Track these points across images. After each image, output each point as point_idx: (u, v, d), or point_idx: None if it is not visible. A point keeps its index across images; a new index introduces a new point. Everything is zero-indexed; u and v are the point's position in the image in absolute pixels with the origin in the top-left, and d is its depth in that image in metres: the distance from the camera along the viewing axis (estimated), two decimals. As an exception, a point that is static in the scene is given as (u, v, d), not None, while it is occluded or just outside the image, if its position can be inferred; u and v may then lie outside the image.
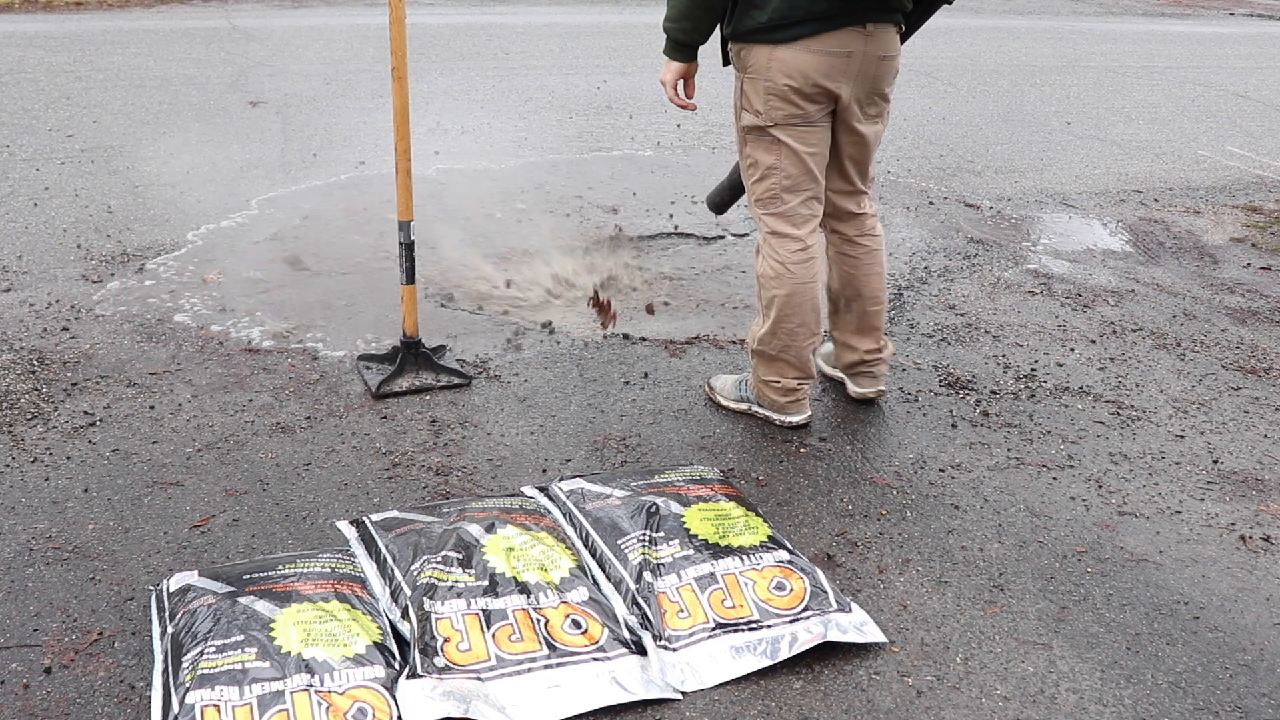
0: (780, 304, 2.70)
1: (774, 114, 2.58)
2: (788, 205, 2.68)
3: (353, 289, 3.72)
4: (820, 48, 2.49)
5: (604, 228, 4.50)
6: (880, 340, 2.94)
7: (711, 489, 2.41)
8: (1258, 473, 2.80)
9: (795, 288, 2.68)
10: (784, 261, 2.68)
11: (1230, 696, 1.97)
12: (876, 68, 2.58)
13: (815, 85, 2.52)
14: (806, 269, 2.68)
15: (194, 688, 1.74)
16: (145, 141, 5.51)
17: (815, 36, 2.48)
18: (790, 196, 2.67)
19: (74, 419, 2.75)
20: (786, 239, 2.68)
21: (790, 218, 2.68)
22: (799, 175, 2.65)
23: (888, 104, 2.71)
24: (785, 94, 2.54)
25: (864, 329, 2.91)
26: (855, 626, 2.05)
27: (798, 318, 2.71)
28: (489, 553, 2.10)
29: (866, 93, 2.61)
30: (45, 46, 8.04)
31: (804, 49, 2.49)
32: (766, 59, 2.53)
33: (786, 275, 2.68)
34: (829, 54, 2.50)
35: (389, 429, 2.79)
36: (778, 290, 2.70)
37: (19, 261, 3.82)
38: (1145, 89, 8.99)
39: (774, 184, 2.67)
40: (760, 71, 2.56)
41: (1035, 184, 5.74)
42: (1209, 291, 4.21)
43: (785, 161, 2.63)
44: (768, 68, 2.53)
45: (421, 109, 6.41)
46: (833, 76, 2.52)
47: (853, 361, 2.97)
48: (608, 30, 10.23)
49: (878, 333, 2.93)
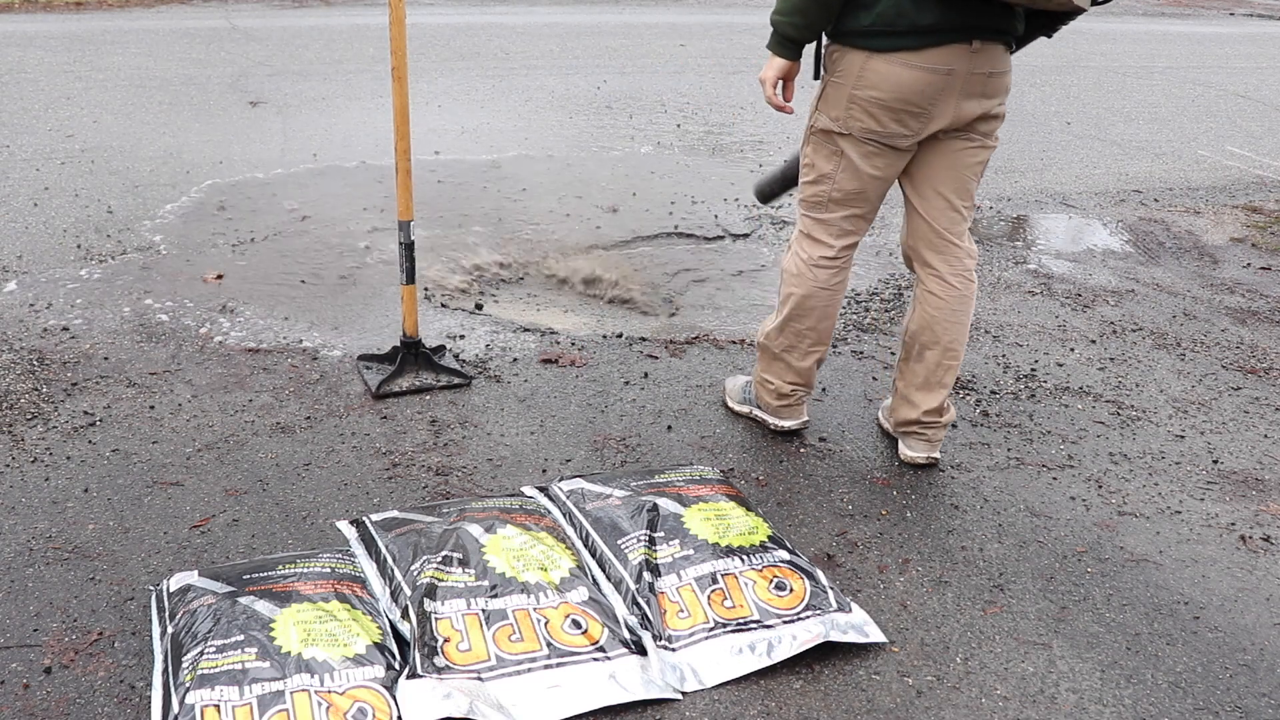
0: (795, 303, 2.66)
1: (852, 124, 2.42)
2: (830, 215, 2.59)
3: (352, 290, 3.72)
4: (919, 63, 2.30)
5: (603, 228, 4.50)
6: (944, 401, 2.68)
7: (711, 489, 2.41)
8: (1258, 473, 2.80)
9: (812, 290, 2.63)
10: (808, 263, 2.62)
11: (1230, 696, 1.97)
12: (983, 86, 2.38)
13: (906, 102, 2.35)
14: (829, 276, 2.62)
15: (194, 688, 1.74)
16: (145, 141, 5.51)
17: (916, 51, 2.30)
18: (836, 208, 2.57)
19: (74, 419, 2.75)
20: (818, 244, 2.62)
21: (829, 227, 2.60)
22: (852, 193, 2.53)
23: (999, 122, 2.49)
24: (869, 106, 2.38)
25: (931, 384, 2.66)
26: (855, 626, 2.05)
27: (809, 320, 2.67)
28: (489, 553, 2.10)
29: (976, 113, 2.42)
30: (45, 46, 8.05)
31: (901, 63, 2.31)
32: (859, 67, 2.36)
33: (807, 276, 2.63)
34: (927, 71, 2.31)
35: (389, 429, 2.79)
36: (795, 289, 2.66)
37: (19, 261, 3.82)
38: (1145, 89, 8.99)
39: (823, 191, 2.56)
40: (849, 77, 2.39)
41: (1035, 184, 5.74)
42: (1209, 291, 4.21)
43: (842, 175, 2.51)
44: (859, 76, 2.37)
45: (421, 109, 6.41)
46: (928, 95, 2.34)
47: (908, 420, 2.72)
48: (608, 30, 10.23)
49: (944, 392, 2.67)
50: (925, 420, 2.69)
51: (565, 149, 5.81)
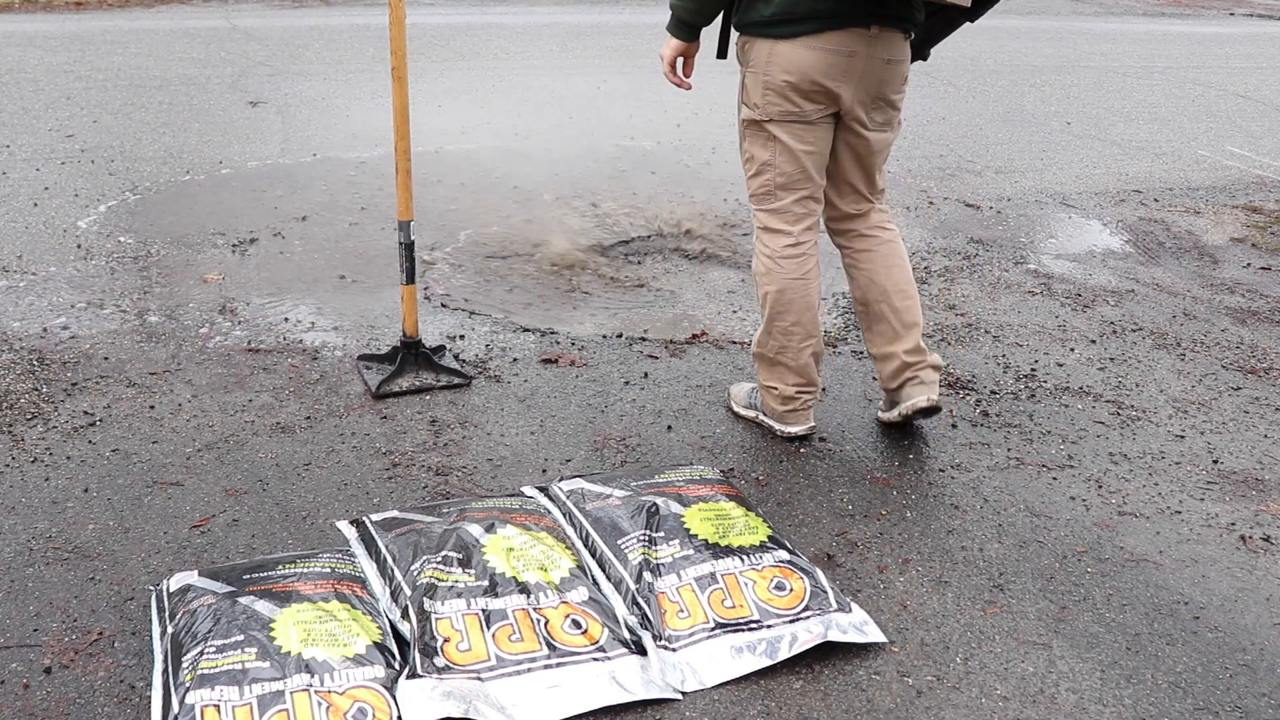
0: (772, 300, 2.69)
1: (770, 109, 2.56)
2: (781, 202, 2.67)
3: (349, 291, 3.72)
4: (821, 45, 2.46)
5: (603, 227, 4.50)
6: (919, 341, 2.74)
7: (711, 489, 2.41)
8: (1258, 473, 2.80)
9: (785, 283, 2.67)
10: (773, 256, 2.67)
11: (1230, 696, 1.97)
12: (881, 71, 2.54)
13: (813, 83, 2.50)
14: (797, 265, 2.67)
15: (194, 688, 1.74)
16: (145, 141, 5.51)
17: (817, 34, 2.45)
18: (784, 194, 2.66)
19: (74, 419, 2.75)
20: (778, 234, 2.68)
21: (783, 214, 2.67)
22: (794, 173, 2.63)
23: (897, 112, 2.66)
24: (782, 90, 2.52)
25: (899, 331, 2.72)
26: (855, 626, 2.05)
27: (791, 315, 2.69)
28: (489, 553, 2.10)
29: (872, 97, 2.57)
30: (45, 46, 8.05)
31: (804, 46, 2.47)
32: (767, 54, 2.51)
33: (776, 270, 2.67)
34: (829, 52, 2.47)
35: (389, 429, 2.79)
36: (769, 286, 2.69)
37: (19, 261, 3.82)
38: (1145, 89, 8.99)
39: (768, 180, 2.66)
40: (760, 66, 2.54)
41: (1035, 184, 5.74)
42: (1209, 291, 4.21)
43: (780, 158, 2.62)
44: (768, 62, 2.52)
45: (421, 109, 6.40)
46: (832, 75, 2.49)
47: (895, 370, 2.75)
48: (608, 30, 10.23)
49: (916, 330, 2.73)
50: (910, 361, 2.73)
51: (565, 149, 5.80)
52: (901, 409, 2.77)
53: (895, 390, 2.79)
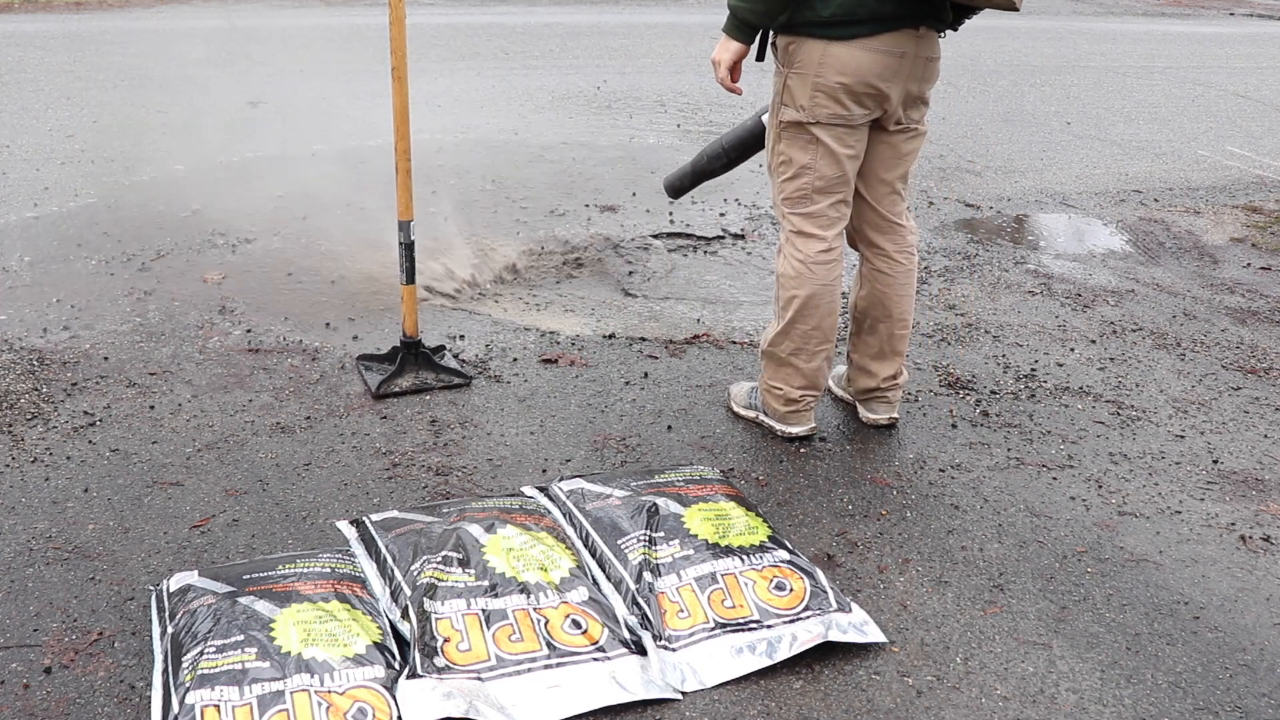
0: (799, 305, 2.66)
1: (819, 111, 2.50)
2: (817, 206, 2.62)
3: (349, 290, 3.72)
4: (877, 47, 2.44)
5: (602, 227, 4.50)
6: (899, 367, 2.84)
7: (711, 489, 2.41)
8: (1258, 473, 2.80)
9: (816, 289, 2.64)
10: (806, 261, 2.63)
11: (1230, 696, 1.97)
12: (924, 69, 2.54)
13: (868, 85, 2.46)
14: (829, 270, 2.64)
15: (194, 688, 1.74)
16: (145, 141, 5.51)
17: (873, 36, 2.43)
18: (821, 198, 2.61)
19: (74, 419, 2.75)
20: (812, 239, 2.63)
21: (818, 219, 2.63)
22: (833, 176, 2.58)
23: (927, 108, 2.65)
24: (834, 92, 2.47)
25: (886, 353, 2.81)
26: (855, 626, 2.05)
27: (814, 320, 2.67)
28: (489, 553, 2.10)
29: (913, 97, 2.57)
30: (45, 46, 8.05)
31: (861, 47, 2.43)
32: (819, 55, 2.46)
33: (808, 275, 2.63)
34: (884, 54, 2.44)
35: (389, 429, 2.79)
36: (797, 290, 2.65)
37: (19, 261, 3.82)
38: (1145, 89, 8.99)
39: (806, 184, 2.61)
40: (810, 67, 2.48)
41: (1035, 184, 5.74)
42: (1209, 291, 4.21)
43: (821, 162, 2.57)
44: (820, 64, 2.46)
45: (421, 109, 6.40)
46: (885, 77, 2.47)
47: (868, 388, 2.87)
48: (608, 30, 10.24)
49: (899, 359, 2.83)
50: (884, 386, 2.86)
51: (565, 149, 5.80)
52: (865, 418, 2.93)
53: (861, 399, 2.94)
